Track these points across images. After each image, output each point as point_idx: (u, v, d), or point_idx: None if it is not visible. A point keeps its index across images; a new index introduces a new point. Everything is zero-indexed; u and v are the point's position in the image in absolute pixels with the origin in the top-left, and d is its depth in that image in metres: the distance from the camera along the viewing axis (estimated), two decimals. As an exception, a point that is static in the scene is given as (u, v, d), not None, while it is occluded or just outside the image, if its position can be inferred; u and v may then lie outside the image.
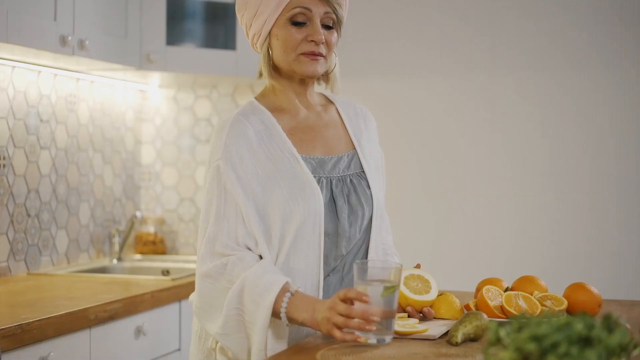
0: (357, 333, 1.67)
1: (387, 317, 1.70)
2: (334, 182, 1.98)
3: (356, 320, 1.66)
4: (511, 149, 3.63)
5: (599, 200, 3.53)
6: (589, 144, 3.54)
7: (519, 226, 3.62)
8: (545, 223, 3.59)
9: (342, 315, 1.68)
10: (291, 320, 1.80)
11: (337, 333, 1.69)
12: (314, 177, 1.95)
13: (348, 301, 1.69)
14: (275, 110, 2.03)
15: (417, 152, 3.75)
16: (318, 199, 1.92)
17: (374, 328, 1.66)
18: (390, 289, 1.69)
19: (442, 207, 3.72)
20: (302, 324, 1.78)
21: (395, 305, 1.71)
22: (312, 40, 1.96)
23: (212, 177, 1.93)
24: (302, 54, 1.96)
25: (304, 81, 2.03)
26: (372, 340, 1.68)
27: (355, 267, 1.72)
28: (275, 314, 1.80)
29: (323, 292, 1.94)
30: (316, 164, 1.98)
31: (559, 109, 3.58)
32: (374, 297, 1.68)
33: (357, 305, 1.67)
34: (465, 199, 3.69)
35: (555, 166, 3.58)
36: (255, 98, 2.06)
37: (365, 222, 2.00)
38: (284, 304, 1.79)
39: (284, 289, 1.80)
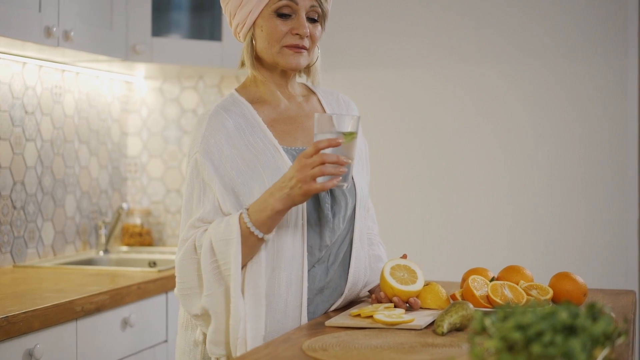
0: (323, 180, 1.76)
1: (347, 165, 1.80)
2: None
3: (328, 165, 1.75)
4: (499, 140, 3.64)
5: (587, 191, 3.54)
6: (578, 135, 3.55)
7: (505, 216, 3.63)
8: (532, 213, 3.60)
9: (315, 166, 1.75)
10: (262, 225, 1.83)
11: (317, 185, 1.76)
12: None
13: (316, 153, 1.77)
14: (256, 101, 2.03)
15: (406, 143, 3.75)
16: None
17: (347, 170, 1.77)
18: (349, 135, 1.78)
19: (428, 197, 3.72)
20: (273, 214, 1.82)
21: (353, 155, 1.80)
22: (296, 34, 1.96)
23: (191, 170, 1.94)
24: (286, 46, 1.97)
25: (286, 72, 2.03)
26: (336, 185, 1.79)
27: (315, 118, 1.80)
28: (247, 238, 1.83)
29: (308, 282, 1.95)
30: (298, 155, 1.98)
31: (548, 99, 3.58)
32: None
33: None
34: (452, 190, 3.70)
35: (543, 157, 3.59)
36: (236, 90, 2.06)
37: (349, 212, 2.01)
38: (246, 219, 1.83)
39: (241, 214, 1.85)
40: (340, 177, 1.78)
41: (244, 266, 1.87)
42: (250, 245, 1.85)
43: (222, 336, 1.89)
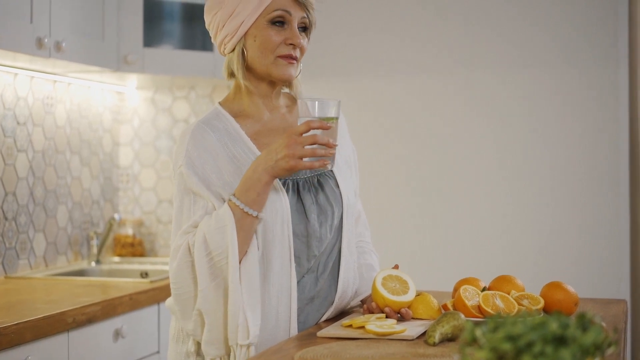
0: (309, 160, 1.83)
1: None
2: (300, 183, 1.99)
3: (317, 146, 1.82)
4: (492, 149, 3.64)
5: (579, 200, 3.54)
6: (571, 144, 3.55)
7: (497, 226, 3.64)
8: (524, 223, 3.61)
9: (306, 144, 1.81)
10: (253, 203, 1.86)
11: (306, 164, 1.82)
12: (279, 179, 1.95)
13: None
14: (239, 115, 2.03)
15: (399, 151, 3.75)
16: (283, 200, 1.93)
17: (334, 152, 1.85)
18: (333, 119, 1.86)
19: (419, 207, 3.73)
20: (261, 186, 1.85)
21: (337, 138, 1.87)
22: (290, 44, 1.97)
23: (177, 184, 1.96)
24: (280, 56, 1.97)
25: (274, 83, 2.04)
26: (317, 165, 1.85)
27: (299, 104, 1.86)
28: (242, 221, 1.85)
29: (298, 292, 1.95)
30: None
31: (542, 105, 3.59)
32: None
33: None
34: (443, 199, 3.70)
35: (535, 166, 3.59)
36: (220, 103, 2.07)
37: (336, 221, 2.01)
38: (237, 202, 1.86)
39: (229, 200, 1.88)
40: (328, 160, 1.84)
41: (240, 260, 1.87)
42: (246, 229, 1.86)
43: (218, 333, 1.89)
